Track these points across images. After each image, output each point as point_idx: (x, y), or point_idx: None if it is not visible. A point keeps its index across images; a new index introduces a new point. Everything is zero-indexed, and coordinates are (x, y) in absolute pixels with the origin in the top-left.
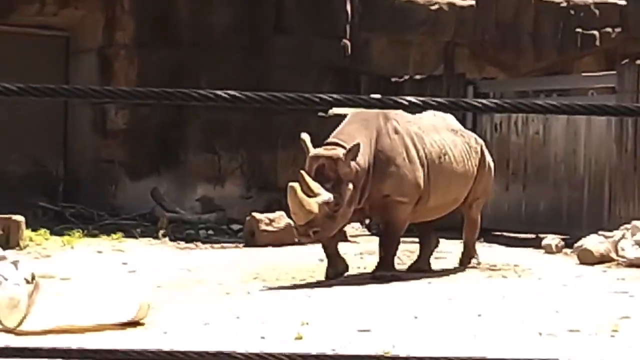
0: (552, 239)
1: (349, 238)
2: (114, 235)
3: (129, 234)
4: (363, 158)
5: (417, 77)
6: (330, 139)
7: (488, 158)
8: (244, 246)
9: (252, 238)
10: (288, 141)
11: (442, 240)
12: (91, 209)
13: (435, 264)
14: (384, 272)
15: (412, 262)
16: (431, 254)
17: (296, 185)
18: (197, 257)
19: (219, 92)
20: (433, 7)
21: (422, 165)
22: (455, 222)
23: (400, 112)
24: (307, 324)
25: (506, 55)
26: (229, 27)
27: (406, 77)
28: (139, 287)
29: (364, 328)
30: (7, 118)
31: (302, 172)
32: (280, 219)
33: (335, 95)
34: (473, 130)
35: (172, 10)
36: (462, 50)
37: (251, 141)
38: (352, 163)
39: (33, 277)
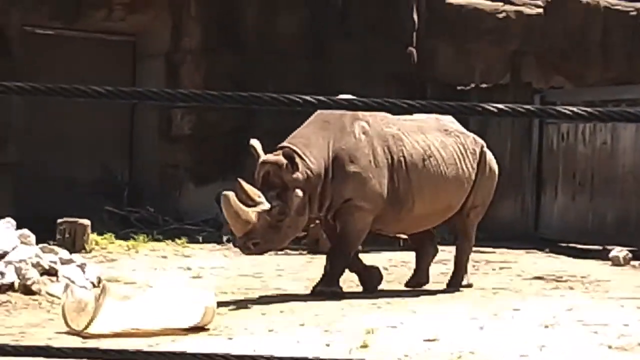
0: (619, 251)
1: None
2: (178, 241)
3: (192, 239)
4: (317, 162)
5: (483, 85)
6: (283, 143)
7: (490, 161)
8: (308, 253)
9: (316, 245)
10: None
11: (505, 251)
12: (156, 213)
13: (501, 273)
14: (324, 288)
15: (410, 276)
16: (429, 265)
17: (230, 193)
18: (261, 264)
19: (198, 92)
20: (500, 15)
21: (395, 172)
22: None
23: (379, 113)
24: (372, 332)
25: (574, 65)
26: (294, 33)
27: (472, 85)
28: (204, 292)
29: (430, 337)
30: (77, 126)
31: (240, 179)
32: None
33: (320, 98)
34: (539, 140)
35: (238, 16)
36: (529, 59)
37: None
38: (301, 167)
39: (99, 281)
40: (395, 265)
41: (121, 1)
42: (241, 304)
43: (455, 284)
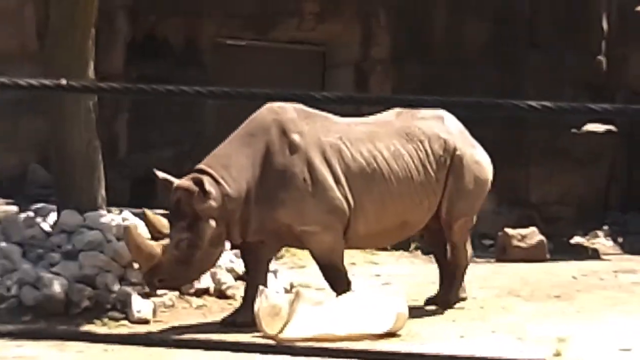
0: None
1: (601, 256)
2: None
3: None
4: (236, 185)
5: None
6: (199, 164)
7: (470, 166)
8: (496, 261)
9: (504, 253)
10: (541, 157)
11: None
12: None
13: None
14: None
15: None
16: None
17: (133, 225)
18: None
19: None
20: None
21: (338, 183)
22: None
23: (318, 116)
24: (565, 340)
25: None
26: (482, 42)
27: None
28: (396, 298)
29: (625, 347)
30: None
31: (146, 210)
32: (532, 235)
33: (338, 94)
34: None
35: (427, 26)
36: None
37: (502, 156)
38: (215, 194)
39: (291, 287)
40: (586, 275)
41: (311, 11)
42: (431, 310)
43: (445, 301)
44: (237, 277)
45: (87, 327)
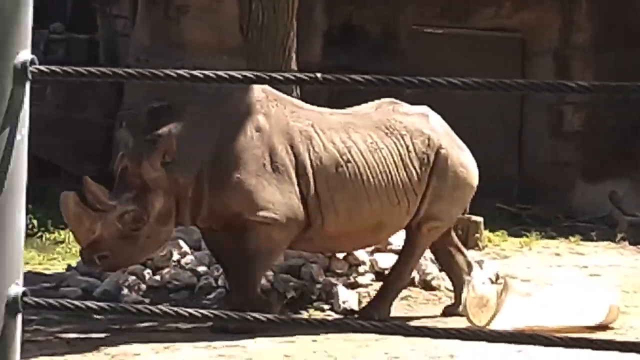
0: None
1: None
2: (571, 238)
3: (586, 237)
4: (191, 159)
5: None
6: (151, 135)
7: (455, 167)
8: None
9: None
10: None
11: None
12: (547, 211)
13: None
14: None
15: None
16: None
17: (71, 193)
18: None
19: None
20: None
21: (300, 178)
22: None
23: (289, 101)
24: None
25: None
26: None
27: None
28: (607, 290)
29: None
30: (465, 123)
31: (87, 177)
32: None
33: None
34: None
35: (629, 11)
36: None
37: None
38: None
39: (497, 277)
40: None
41: None
42: None
43: (368, 313)
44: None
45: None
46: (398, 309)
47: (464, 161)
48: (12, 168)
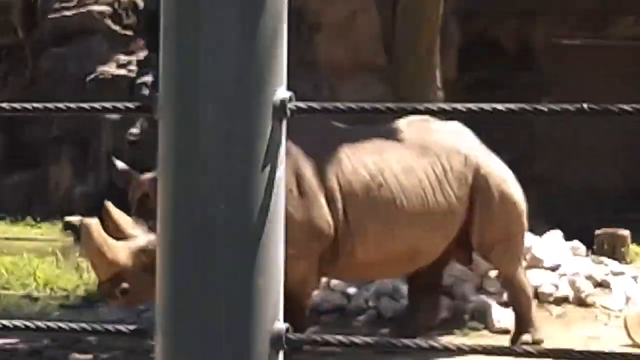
0: None
1: None
2: None
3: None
4: None
5: None
6: None
7: (500, 186)
8: None
9: None
10: None
11: None
12: None
13: None
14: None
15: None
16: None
17: (93, 222)
18: None
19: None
20: None
21: (329, 204)
22: None
23: (315, 121)
24: None
25: None
26: None
27: None
28: None
29: None
30: (599, 137)
31: (108, 203)
32: None
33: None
34: None
35: None
36: None
37: None
38: None
39: None
40: None
41: None
42: None
43: (515, 339)
44: (596, 284)
45: (446, 338)
46: (555, 326)
47: (504, 175)
48: (272, 204)
